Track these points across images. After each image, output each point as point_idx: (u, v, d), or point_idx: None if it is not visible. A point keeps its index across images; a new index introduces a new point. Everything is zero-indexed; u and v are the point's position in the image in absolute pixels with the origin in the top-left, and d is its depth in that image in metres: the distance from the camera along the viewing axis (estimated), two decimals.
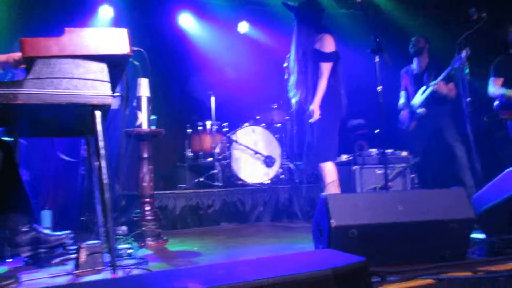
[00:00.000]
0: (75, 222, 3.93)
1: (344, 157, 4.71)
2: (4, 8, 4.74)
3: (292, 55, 3.43)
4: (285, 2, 3.36)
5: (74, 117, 2.14)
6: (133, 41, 2.02)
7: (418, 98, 4.35)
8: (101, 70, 1.91)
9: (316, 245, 2.18)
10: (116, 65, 2.06)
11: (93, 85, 1.86)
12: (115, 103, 3.20)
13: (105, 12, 5.47)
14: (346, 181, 4.17)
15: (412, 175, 4.47)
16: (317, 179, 4.58)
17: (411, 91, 4.50)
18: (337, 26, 5.56)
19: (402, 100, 4.58)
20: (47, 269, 2.34)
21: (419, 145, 4.45)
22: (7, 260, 2.58)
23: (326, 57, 3.29)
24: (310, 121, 3.33)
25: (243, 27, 6.36)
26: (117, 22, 5.49)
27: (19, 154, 3.13)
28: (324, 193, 2.12)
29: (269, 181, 4.77)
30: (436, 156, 4.31)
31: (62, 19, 4.95)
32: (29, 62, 1.83)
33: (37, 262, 2.40)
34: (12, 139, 2.59)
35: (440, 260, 2.00)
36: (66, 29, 1.89)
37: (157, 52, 5.52)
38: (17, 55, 2.14)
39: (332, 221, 1.99)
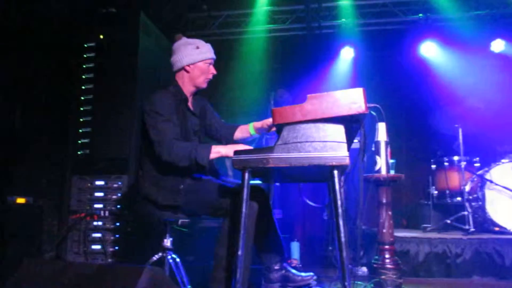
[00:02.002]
0: (319, 255, 4.20)
1: None
2: (258, 63, 5.61)
3: None
4: None
5: (316, 170, 2.32)
6: (371, 77, 2.04)
7: None
8: (339, 132, 2.01)
9: None
10: (353, 122, 2.15)
11: (332, 147, 1.98)
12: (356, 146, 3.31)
13: (346, 53, 5.77)
14: None
15: None
16: None
17: None
18: None
19: None
20: None
21: None
22: None
23: None
24: None
25: (497, 45, 5.60)
26: (356, 61, 5.71)
27: (273, 196, 3.59)
28: None
29: None
30: None
31: (309, 65, 5.50)
32: (278, 128, 2.10)
33: None
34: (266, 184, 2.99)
35: None
36: (309, 95, 2.07)
37: (396, 87, 5.47)
38: (269, 121, 2.49)
39: None
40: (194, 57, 2.55)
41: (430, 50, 5.66)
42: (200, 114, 2.66)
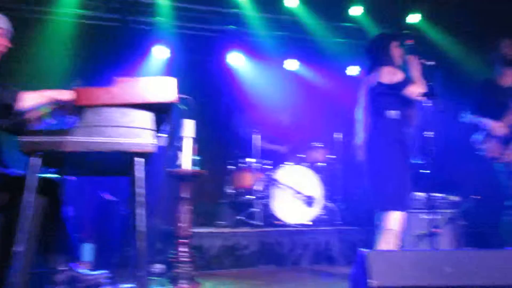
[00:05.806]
0: (116, 256, 4.00)
1: None
2: (62, 50, 5.09)
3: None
4: None
5: (118, 160, 2.21)
6: (183, 79, 2.05)
7: None
8: (146, 119, 1.96)
9: None
10: (163, 111, 2.12)
11: (137, 133, 1.92)
12: (162, 142, 3.28)
13: (160, 52, 5.71)
14: None
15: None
16: (363, 222, 4.41)
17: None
18: None
19: None
20: None
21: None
22: None
23: (388, 88, 3.04)
24: None
25: (291, 64, 6.41)
26: (170, 62, 5.73)
27: (65, 191, 3.26)
28: (363, 249, 2.03)
29: (309, 222, 4.67)
30: None
31: (120, 59, 5.23)
32: (79, 110, 1.92)
33: None
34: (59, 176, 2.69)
35: None
36: (117, 78, 1.96)
37: (206, 91, 5.70)
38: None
39: (371, 281, 1.89)
40: None
41: (236, 60, 6.13)
42: None
